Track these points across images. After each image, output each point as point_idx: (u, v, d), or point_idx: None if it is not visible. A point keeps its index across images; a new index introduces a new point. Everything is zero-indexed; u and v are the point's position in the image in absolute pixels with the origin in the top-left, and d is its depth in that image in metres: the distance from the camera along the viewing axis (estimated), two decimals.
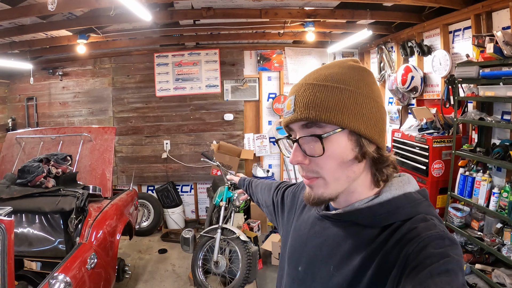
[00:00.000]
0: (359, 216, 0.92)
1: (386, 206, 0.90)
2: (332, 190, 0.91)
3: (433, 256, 0.77)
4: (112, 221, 3.77)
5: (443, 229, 0.84)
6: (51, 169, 3.85)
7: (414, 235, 0.82)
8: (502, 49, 2.97)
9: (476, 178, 3.41)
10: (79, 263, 3.06)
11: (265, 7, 4.27)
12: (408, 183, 0.95)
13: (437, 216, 0.91)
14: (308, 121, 0.87)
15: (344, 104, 0.85)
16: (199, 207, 6.50)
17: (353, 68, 0.91)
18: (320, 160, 0.88)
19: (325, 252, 0.98)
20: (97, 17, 4.22)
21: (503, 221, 3.21)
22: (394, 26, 4.87)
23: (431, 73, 4.33)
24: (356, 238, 0.92)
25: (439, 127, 4.03)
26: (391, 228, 0.88)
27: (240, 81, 6.11)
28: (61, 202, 3.46)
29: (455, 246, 0.81)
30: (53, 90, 6.14)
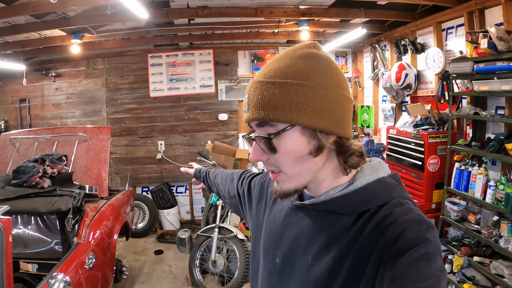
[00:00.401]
0: (334, 204, 0.92)
1: (362, 193, 0.90)
2: (295, 184, 0.91)
3: (411, 240, 0.77)
4: (109, 221, 3.74)
5: (419, 213, 0.85)
6: (47, 169, 3.81)
7: (391, 220, 0.83)
8: (496, 44, 3.02)
9: (472, 172, 3.46)
10: (77, 263, 3.03)
11: (260, 5, 4.29)
12: (380, 168, 0.95)
13: (411, 200, 0.92)
14: (259, 121, 0.86)
15: (291, 101, 0.83)
16: (194, 207, 6.47)
17: (304, 58, 0.86)
18: (277, 157, 0.88)
19: (303, 242, 0.97)
20: (92, 16, 4.21)
21: (499, 213, 3.25)
22: (387, 24, 4.93)
23: (424, 71, 4.39)
24: (333, 227, 0.92)
25: (433, 123, 4.07)
26: (368, 214, 0.88)
27: (234, 81, 6.12)
28: (57, 202, 3.42)
29: (432, 229, 0.81)
30: (46, 92, 6.09)
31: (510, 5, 3.19)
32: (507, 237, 3.08)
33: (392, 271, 0.75)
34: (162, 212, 5.98)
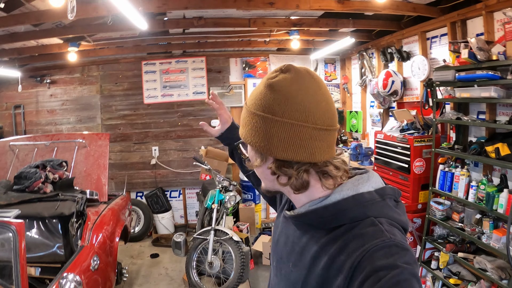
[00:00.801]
0: (307, 218, 0.95)
1: (330, 208, 0.90)
2: (265, 185, 1.03)
3: (381, 269, 0.76)
4: (110, 225, 3.84)
5: (390, 235, 0.82)
6: (48, 174, 3.89)
7: (359, 245, 0.82)
8: (476, 54, 3.25)
9: (455, 173, 3.67)
10: (84, 264, 3.13)
11: (253, 16, 4.48)
12: (366, 182, 0.94)
13: (391, 217, 0.90)
14: None
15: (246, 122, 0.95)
16: (188, 212, 6.60)
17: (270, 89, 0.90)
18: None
19: (287, 249, 1.04)
20: (89, 25, 4.32)
21: (482, 212, 3.47)
22: (374, 33, 5.16)
23: (410, 78, 4.62)
24: (308, 237, 0.96)
25: (419, 128, 4.29)
26: (339, 231, 0.89)
27: (226, 88, 6.29)
28: (60, 206, 3.50)
29: (403, 253, 0.79)
30: (40, 98, 6.16)
31: (490, 17, 3.43)
32: (489, 233, 3.30)
33: None
34: (157, 216, 6.08)
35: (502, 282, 3.04)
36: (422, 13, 4.01)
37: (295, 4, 3.80)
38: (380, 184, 0.95)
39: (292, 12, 4.33)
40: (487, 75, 3.15)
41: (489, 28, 3.46)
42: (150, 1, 3.62)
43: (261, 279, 4.75)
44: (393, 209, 0.92)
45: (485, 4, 3.39)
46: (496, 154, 3.17)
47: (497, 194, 3.20)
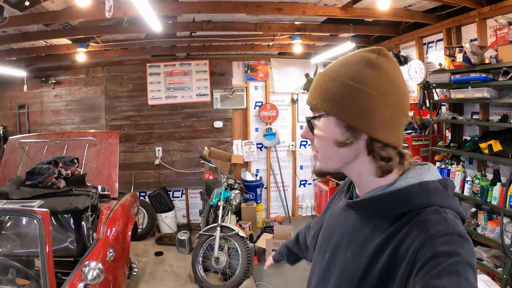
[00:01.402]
0: (372, 204, 0.96)
1: (398, 195, 0.91)
2: (325, 166, 1.01)
3: (442, 255, 0.77)
4: (122, 219, 3.96)
5: (453, 224, 0.84)
6: (61, 170, 4.00)
7: (423, 230, 0.83)
8: (470, 58, 3.49)
9: (451, 169, 3.91)
10: (101, 254, 3.25)
11: (260, 21, 4.68)
12: (428, 172, 0.95)
13: (454, 207, 0.91)
14: (312, 106, 1.00)
15: (334, 93, 0.93)
16: (190, 211, 6.73)
17: (372, 67, 0.92)
18: (316, 138, 1.00)
19: (346, 240, 1.02)
20: (99, 26, 4.46)
21: (477, 205, 3.71)
22: (373, 38, 5.42)
23: (407, 81, 4.86)
24: (371, 226, 0.95)
25: (416, 128, 4.53)
26: (404, 219, 0.89)
27: (228, 90, 6.46)
28: (74, 201, 3.56)
29: (465, 243, 0.81)
30: (45, 98, 6.24)
31: (483, 23, 3.69)
32: (484, 225, 3.53)
33: (421, 286, 0.76)
34: (160, 215, 6.20)
35: (498, 270, 3.25)
36: (419, 19, 4.26)
37: (302, 10, 4.02)
38: (439, 176, 0.96)
39: (297, 17, 4.54)
40: (480, 77, 3.39)
41: (482, 34, 3.71)
42: (165, 4, 3.79)
43: (264, 275, 4.90)
44: (455, 199, 0.94)
45: (479, 12, 3.64)
46: (489, 150, 3.41)
47: (491, 187, 3.44)
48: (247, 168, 6.67)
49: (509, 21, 3.20)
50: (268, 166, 6.77)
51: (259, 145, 6.69)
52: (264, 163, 6.79)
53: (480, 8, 3.64)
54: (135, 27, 4.33)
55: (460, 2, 3.65)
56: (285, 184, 6.89)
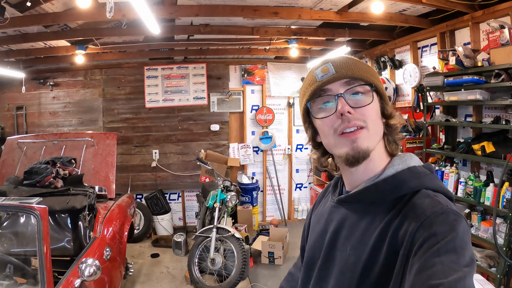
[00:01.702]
0: (367, 194, 0.98)
1: (391, 180, 0.95)
2: (373, 143, 0.97)
3: (439, 233, 0.80)
4: (119, 220, 3.98)
5: (447, 204, 0.87)
6: (59, 170, 4.03)
7: (420, 212, 0.86)
8: (462, 61, 3.55)
9: (445, 171, 3.95)
10: (98, 253, 3.27)
11: (257, 25, 4.75)
12: (411, 158, 1.01)
13: (443, 189, 0.96)
14: (351, 78, 0.97)
15: (372, 71, 1.02)
16: (187, 214, 6.76)
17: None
18: (366, 110, 0.96)
19: (343, 235, 1.02)
20: (98, 29, 4.50)
21: (471, 206, 3.75)
22: (368, 43, 5.49)
23: (402, 84, 4.93)
24: (369, 218, 0.97)
25: (411, 130, 4.59)
26: (400, 205, 0.92)
27: (225, 94, 6.53)
28: (71, 200, 3.59)
29: (460, 220, 0.84)
30: (43, 100, 6.29)
31: (476, 27, 3.76)
32: (477, 226, 3.57)
33: (420, 264, 0.78)
34: (156, 218, 6.21)
35: (491, 270, 3.28)
36: (414, 24, 4.33)
37: (298, 14, 4.08)
38: (420, 162, 1.02)
39: (293, 21, 4.61)
40: (472, 80, 3.45)
41: (475, 37, 3.78)
42: (163, 7, 3.83)
43: (260, 276, 4.92)
44: (441, 181, 1.00)
45: (472, 16, 3.71)
46: (482, 152, 3.45)
47: (484, 188, 3.47)
48: (244, 171, 6.71)
49: (501, 25, 3.25)
50: (264, 169, 6.82)
51: (256, 148, 6.74)
52: (260, 166, 6.84)
53: (473, 12, 3.70)
54: (133, 29, 4.38)
55: (453, 7, 3.71)
56: (281, 187, 6.92)
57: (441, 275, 0.74)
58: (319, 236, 1.13)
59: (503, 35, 3.24)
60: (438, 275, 0.74)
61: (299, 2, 3.86)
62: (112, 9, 2.44)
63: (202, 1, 3.78)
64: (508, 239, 3.11)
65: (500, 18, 3.42)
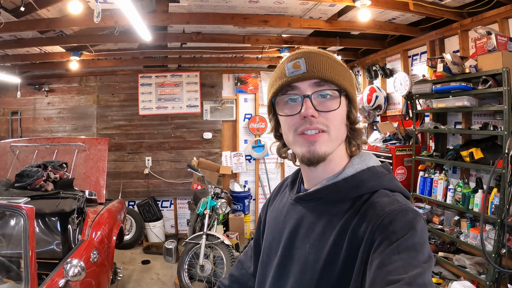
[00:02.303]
0: (327, 192, 0.98)
1: (351, 180, 0.96)
2: (331, 148, 0.96)
3: (399, 230, 0.81)
4: (108, 224, 3.97)
5: (405, 203, 0.89)
6: (50, 174, 4.03)
7: (379, 210, 0.87)
8: (450, 68, 3.59)
9: (434, 178, 3.95)
10: (85, 255, 3.26)
11: (248, 33, 4.81)
12: (369, 158, 1.02)
13: (401, 189, 0.98)
14: (322, 79, 0.94)
15: (346, 75, 0.99)
16: (179, 221, 6.73)
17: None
18: (331, 115, 0.95)
19: (301, 233, 1.01)
20: (93, 35, 4.56)
21: (460, 213, 3.75)
22: (360, 52, 5.55)
23: (393, 93, 4.97)
24: (329, 215, 0.97)
25: (400, 138, 4.60)
26: (359, 202, 0.93)
27: (218, 102, 6.57)
28: (61, 203, 3.60)
29: (418, 218, 0.85)
30: (38, 105, 6.32)
31: (465, 35, 3.83)
32: (466, 232, 3.56)
33: (380, 260, 0.79)
34: (148, 225, 6.20)
35: (481, 277, 3.26)
36: (404, 32, 4.38)
37: (287, 22, 4.13)
38: (379, 162, 1.04)
39: (284, 30, 4.66)
40: (460, 86, 3.47)
41: (464, 45, 3.83)
42: (155, 15, 3.89)
43: None
44: (398, 181, 1.01)
45: (461, 24, 3.78)
46: (471, 158, 3.46)
47: (472, 194, 3.47)
48: (236, 179, 6.71)
49: (488, 31, 3.29)
50: (257, 178, 6.82)
51: (248, 157, 6.75)
52: (253, 174, 6.84)
53: (462, 20, 3.76)
54: (126, 36, 4.43)
55: (442, 15, 3.77)
56: None
57: (401, 271, 0.75)
58: (276, 234, 1.12)
59: (490, 42, 3.27)
60: (398, 271, 0.75)
61: (288, 10, 3.92)
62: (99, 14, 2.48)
63: (193, 9, 3.84)
64: (497, 246, 3.10)
65: (488, 26, 3.47)
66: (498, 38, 3.21)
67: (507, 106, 3.05)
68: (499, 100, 3.36)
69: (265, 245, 1.18)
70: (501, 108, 3.11)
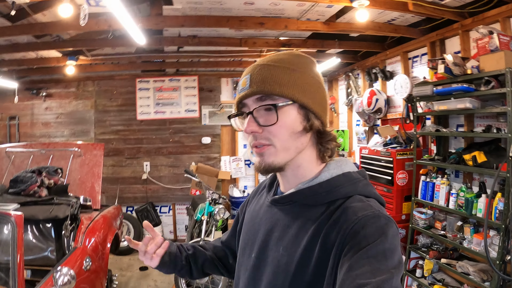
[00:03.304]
0: (301, 196, 0.99)
1: (325, 185, 0.97)
2: (281, 159, 0.97)
3: (370, 236, 0.82)
4: (102, 231, 3.91)
5: (378, 209, 0.90)
6: (44, 179, 3.99)
7: (351, 215, 0.88)
8: (451, 69, 3.50)
9: (436, 183, 3.85)
10: (77, 262, 3.19)
11: (244, 36, 4.74)
12: (345, 164, 1.03)
13: (375, 195, 0.99)
14: (263, 94, 0.95)
15: (294, 82, 0.96)
16: (177, 227, 6.67)
17: (298, 56, 1.02)
18: (273, 128, 0.95)
19: (276, 235, 1.02)
20: (89, 39, 4.51)
21: (463, 218, 3.64)
22: (360, 54, 5.47)
23: (393, 96, 4.88)
24: (302, 218, 0.97)
25: (401, 142, 4.50)
26: (333, 207, 0.94)
27: (217, 107, 6.53)
28: (55, 210, 3.56)
29: (390, 224, 0.86)
30: (36, 110, 6.32)
31: (466, 35, 3.74)
32: (470, 238, 3.44)
33: (349, 264, 0.80)
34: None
35: (485, 284, 3.14)
36: (404, 34, 4.30)
37: (284, 24, 4.06)
38: (355, 168, 1.05)
39: (281, 32, 4.59)
40: (462, 88, 3.37)
41: (465, 45, 3.74)
42: (149, 18, 3.83)
43: None
44: (373, 187, 1.02)
45: (461, 24, 3.69)
46: (474, 162, 3.36)
47: (476, 199, 3.37)
48: (235, 184, 6.65)
49: (490, 31, 3.21)
50: (256, 183, 6.74)
51: (247, 162, 6.69)
52: (252, 179, 6.78)
53: (463, 20, 3.68)
54: (122, 41, 4.38)
55: (442, 15, 3.69)
56: None
57: (369, 275, 0.76)
58: (251, 235, 1.13)
59: (492, 41, 3.18)
60: (366, 275, 0.77)
61: (285, 12, 3.85)
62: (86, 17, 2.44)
63: (187, 11, 3.78)
64: (501, 252, 2.99)
65: (490, 25, 3.39)
66: (500, 37, 3.12)
67: (511, 108, 2.95)
68: (502, 102, 3.26)
69: (240, 246, 1.19)
70: (505, 110, 3.01)
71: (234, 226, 1.34)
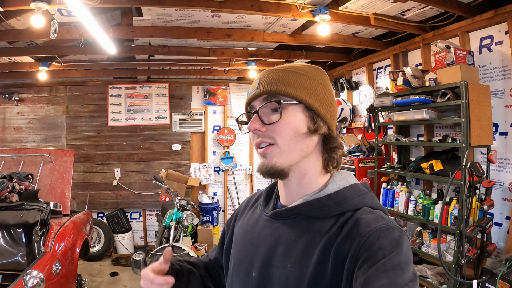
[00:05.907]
0: (309, 208, 0.95)
1: (334, 197, 0.95)
2: (285, 160, 0.95)
3: (385, 248, 0.81)
4: (72, 236, 3.94)
5: (390, 220, 0.88)
6: (15, 185, 3.97)
7: (365, 227, 0.86)
8: (410, 81, 3.65)
9: (396, 190, 4.01)
10: (46, 267, 3.21)
11: (213, 46, 4.84)
12: (349, 176, 1.01)
13: (381, 206, 0.98)
14: (269, 93, 0.96)
15: (302, 84, 0.96)
16: (148, 233, 6.66)
17: (310, 66, 1.03)
18: (277, 127, 0.94)
19: (280, 251, 0.97)
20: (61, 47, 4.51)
21: (422, 224, 3.80)
22: (327, 65, 5.63)
23: (358, 105, 5.05)
24: (310, 232, 0.94)
25: (364, 150, 4.65)
26: (343, 219, 0.91)
27: (187, 114, 6.57)
28: (25, 215, 3.56)
29: (404, 237, 0.85)
30: (7, 115, 6.21)
31: (427, 48, 3.94)
32: (428, 243, 3.60)
33: (365, 278, 0.77)
34: (117, 236, 6.12)
35: (442, 287, 3.31)
36: (368, 46, 4.47)
37: (250, 36, 4.18)
38: (357, 180, 1.03)
39: (248, 43, 4.70)
40: (419, 99, 3.53)
41: (426, 58, 3.94)
42: (120, 28, 3.89)
43: None
44: (377, 199, 1.01)
45: (423, 38, 3.88)
46: (431, 170, 3.51)
47: (433, 206, 3.53)
48: (205, 190, 6.71)
49: (447, 45, 3.36)
50: (225, 189, 6.83)
51: (217, 169, 6.76)
52: (222, 186, 6.85)
53: (424, 34, 3.86)
54: (93, 48, 4.39)
55: (404, 29, 3.86)
56: None
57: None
58: (247, 252, 1.07)
59: (448, 55, 3.32)
60: None
61: (251, 24, 3.96)
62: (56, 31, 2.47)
63: (156, 22, 3.85)
64: (456, 256, 3.13)
65: (450, 39, 3.57)
66: (457, 51, 3.27)
67: (465, 119, 3.09)
68: (459, 113, 3.42)
69: (233, 264, 1.11)
70: (459, 121, 3.16)
71: (221, 243, 1.29)
